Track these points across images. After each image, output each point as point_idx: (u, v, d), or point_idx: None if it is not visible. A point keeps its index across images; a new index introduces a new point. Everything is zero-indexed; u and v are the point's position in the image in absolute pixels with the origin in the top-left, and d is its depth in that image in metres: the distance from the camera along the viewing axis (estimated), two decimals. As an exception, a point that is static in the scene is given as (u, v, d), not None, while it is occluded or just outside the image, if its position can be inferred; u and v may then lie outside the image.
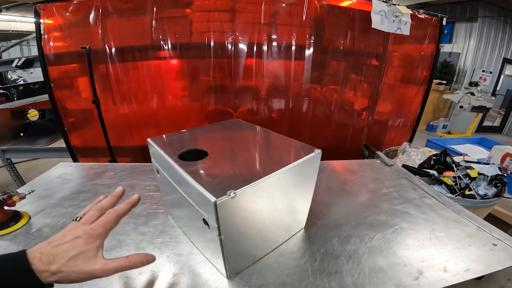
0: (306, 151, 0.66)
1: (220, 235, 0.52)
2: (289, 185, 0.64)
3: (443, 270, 0.68)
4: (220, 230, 0.51)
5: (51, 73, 1.63)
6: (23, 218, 0.82)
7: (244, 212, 0.55)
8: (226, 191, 0.49)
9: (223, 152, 0.70)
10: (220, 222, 0.50)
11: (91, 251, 0.44)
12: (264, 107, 1.77)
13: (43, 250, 0.41)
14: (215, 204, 0.47)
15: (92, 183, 1.04)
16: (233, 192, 0.49)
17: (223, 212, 0.49)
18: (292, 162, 0.60)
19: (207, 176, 0.56)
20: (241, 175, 0.58)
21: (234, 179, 0.56)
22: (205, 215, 0.53)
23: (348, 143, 1.96)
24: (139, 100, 1.71)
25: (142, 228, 0.80)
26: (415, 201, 1.00)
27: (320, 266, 0.68)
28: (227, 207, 0.49)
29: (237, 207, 0.52)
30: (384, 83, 1.87)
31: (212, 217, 0.50)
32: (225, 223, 0.51)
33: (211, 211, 0.49)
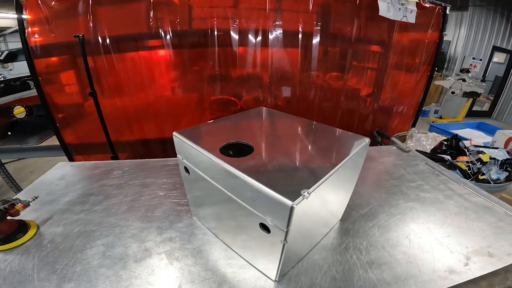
0: (356, 141, 0.61)
1: (285, 240, 0.46)
2: (342, 178, 0.59)
3: (488, 255, 0.67)
4: (287, 235, 0.45)
5: (38, 66, 1.49)
6: (31, 228, 0.73)
7: (309, 213, 0.49)
8: (299, 191, 0.42)
9: (268, 145, 0.63)
10: (291, 227, 0.44)
11: None
12: (269, 95, 1.70)
13: None
14: (292, 208, 0.40)
15: (100, 184, 0.95)
16: (307, 191, 0.43)
17: (296, 216, 0.43)
18: (348, 153, 0.55)
19: (266, 175, 0.49)
20: (303, 171, 0.52)
21: (297, 176, 0.50)
22: (267, 219, 0.47)
23: (354, 129, 1.92)
24: (137, 92, 1.61)
25: (168, 233, 0.73)
26: (440, 187, 0.97)
27: (368, 259, 0.65)
28: (301, 209, 0.43)
29: (307, 208, 0.46)
30: (389, 70, 1.85)
31: (279, 222, 0.44)
32: (294, 228, 0.45)
33: (280, 215, 0.43)
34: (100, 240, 0.70)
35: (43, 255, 0.65)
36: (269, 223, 0.46)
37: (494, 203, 0.88)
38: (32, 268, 0.62)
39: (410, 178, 1.03)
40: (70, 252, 0.66)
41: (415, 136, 1.67)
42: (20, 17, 1.40)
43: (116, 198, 0.87)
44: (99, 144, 1.61)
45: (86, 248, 0.67)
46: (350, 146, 0.59)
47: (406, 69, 1.90)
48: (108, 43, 1.47)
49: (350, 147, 0.58)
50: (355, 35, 1.67)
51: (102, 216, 0.79)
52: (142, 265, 0.63)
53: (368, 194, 0.91)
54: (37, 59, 1.48)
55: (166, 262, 0.63)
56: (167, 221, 0.77)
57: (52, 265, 0.62)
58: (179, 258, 0.65)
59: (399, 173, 1.06)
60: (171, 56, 1.59)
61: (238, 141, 0.62)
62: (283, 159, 0.56)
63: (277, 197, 0.42)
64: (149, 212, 0.80)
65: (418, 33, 1.83)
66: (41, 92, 1.53)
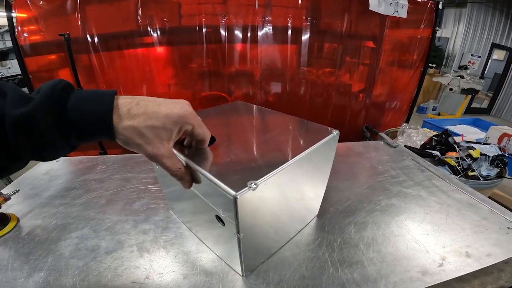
0: (323, 133, 0.60)
1: (238, 233, 0.46)
2: (307, 171, 0.59)
3: (465, 255, 0.65)
4: (239, 227, 0.45)
5: (29, 65, 1.51)
6: (11, 221, 0.74)
7: (263, 204, 0.48)
8: (246, 182, 0.42)
9: (231, 137, 0.63)
10: (240, 219, 0.43)
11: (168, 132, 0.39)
12: (260, 91, 1.70)
13: (139, 99, 0.37)
14: (235, 198, 0.40)
15: (83, 179, 0.96)
16: (254, 182, 0.42)
17: (243, 207, 0.42)
18: (311, 145, 0.54)
19: (219, 165, 0.49)
20: (258, 162, 0.51)
21: (251, 167, 0.49)
22: (220, 211, 0.47)
23: (346, 125, 1.93)
24: (127, 90, 1.61)
25: (143, 225, 0.73)
26: (424, 183, 0.96)
27: (340, 256, 0.64)
28: (248, 201, 0.43)
29: (257, 200, 0.45)
30: (381, 65, 1.84)
31: (229, 214, 0.44)
32: (244, 219, 0.45)
33: (228, 206, 0.42)
34: (75, 232, 0.71)
35: (19, 246, 0.66)
36: (222, 214, 0.46)
37: (479, 200, 0.87)
38: (8, 258, 0.62)
39: (394, 174, 1.03)
40: (45, 244, 0.67)
41: (406, 131, 1.67)
42: (10, 15, 1.41)
43: (96, 192, 0.87)
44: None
45: (61, 240, 0.68)
46: (315, 138, 0.58)
47: (399, 65, 1.89)
48: (97, 42, 1.48)
49: (315, 139, 0.57)
50: (346, 30, 1.66)
51: (80, 209, 0.79)
52: (113, 256, 0.63)
53: (349, 190, 0.91)
54: (28, 58, 1.49)
55: (137, 254, 0.64)
56: (144, 214, 0.77)
57: (26, 256, 0.63)
58: (150, 250, 0.65)
59: (384, 169, 1.06)
60: (161, 54, 1.59)
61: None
62: (242, 150, 0.55)
63: (222, 187, 0.42)
64: (127, 206, 0.81)
65: (410, 28, 1.81)
66: (31, 90, 1.53)
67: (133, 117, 0.36)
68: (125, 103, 0.36)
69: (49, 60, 1.56)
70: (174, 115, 0.38)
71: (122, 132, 0.36)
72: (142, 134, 0.36)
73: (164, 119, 0.37)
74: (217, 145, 0.57)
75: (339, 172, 1.02)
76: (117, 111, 0.35)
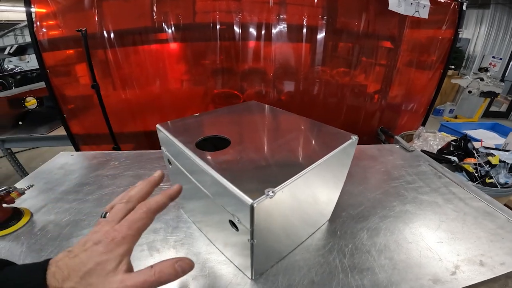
0: (342, 138, 0.59)
1: (252, 239, 0.45)
2: (324, 177, 0.57)
3: (479, 264, 0.63)
4: (253, 234, 0.44)
5: (47, 59, 1.54)
6: (25, 215, 0.76)
7: (277, 211, 0.47)
8: (263, 190, 0.41)
9: (247, 140, 0.62)
10: (255, 226, 0.43)
11: (110, 262, 0.32)
12: (272, 89, 1.69)
13: (60, 263, 0.32)
14: (252, 206, 0.39)
15: (96, 174, 0.97)
16: (272, 190, 0.41)
17: (259, 215, 0.41)
18: (330, 151, 0.53)
19: (235, 170, 0.48)
20: (274, 168, 0.50)
21: (267, 173, 0.48)
22: (234, 217, 0.46)
23: (359, 126, 1.89)
24: (141, 85, 1.63)
25: (153, 224, 0.72)
26: (441, 190, 0.93)
27: (351, 262, 0.62)
28: (264, 209, 0.42)
29: (274, 207, 0.44)
30: (399, 66, 1.79)
31: (244, 220, 0.43)
32: (259, 226, 0.44)
33: (244, 213, 0.41)
34: (87, 229, 0.71)
35: (32, 242, 0.67)
36: (236, 220, 0.45)
37: (496, 209, 0.84)
38: (19, 255, 0.63)
39: (410, 179, 1.00)
40: (56, 240, 0.68)
41: (422, 135, 1.62)
42: (29, 11, 1.43)
43: (109, 189, 0.88)
44: (104, 135, 1.64)
45: (73, 237, 0.69)
46: (334, 143, 0.56)
47: (418, 66, 1.83)
48: (112, 37, 1.49)
49: (334, 144, 0.56)
50: (363, 30, 1.62)
51: (93, 206, 0.80)
52: None
53: (362, 195, 0.89)
54: (45, 53, 1.52)
55: (147, 254, 0.64)
56: (155, 214, 0.77)
57: (37, 252, 0.64)
58: (160, 249, 0.65)
59: (399, 174, 1.03)
60: (175, 50, 1.59)
61: (216, 135, 0.61)
62: (259, 155, 0.54)
63: (238, 194, 0.41)
64: (138, 204, 0.81)
65: (431, 29, 1.75)
66: (49, 84, 1.58)
67: (65, 281, 0.31)
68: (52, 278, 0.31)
69: (66, 55, 1.59)
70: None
71: None
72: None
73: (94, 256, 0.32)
74: (231, 148, 0.56)
75: (352, 176, 0.99)
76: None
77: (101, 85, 1.54)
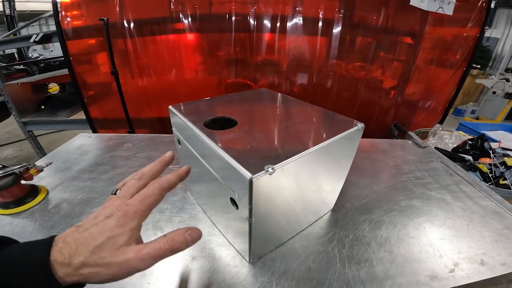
0: (347, 124, 0.59)
1: (250, 217, 0.46)
2: (326, 162, 0.58)
3: (479, 263, 0.63)
4: (251, 211, 0.45)
5: (70, 48, 1.61)
6: (41, 193, 0.79)
7: (278, 192, 0.49)
8: (263, 166, 0.42)
9: (253, 122, 0.63)
10: (254, 203, 0.44)
11: (122, 236, 0.32)
12: (285, 81, 1.69)
13: (68, 238, 0.32)
14: (251, 181, 0.40)
15: (110, 155, 1.02)
16: (271, 167, 0.42)
17: (258, 191, 0.43)
18: (333, 135, 0.53)
19: (238, 148, 0.49)
20: (277, 148, 0.51)
21: (269, 152, 0.49)
22: (235, 193, 0.47)
23: (373, 121, 1.86)
24: (157, 74, 1.67)
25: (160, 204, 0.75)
26: (451, 188, 0.92)
27: (349, 253, 0.63)
28: (264, 185, 0.43)
29: (273, 186, 0.46)
30: (418, 63, 1.74)
31: (243, 196, 0.44)
32: (258, 204, 0.45)
33: (243, 189, 0.43)
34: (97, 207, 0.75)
35: (45, 219, 0.71)
36: (236, 197, 0.47)
37: (506, 210, 0.81)
38: (31, 231, 0.67)
39: (420, 175, 0.98)
40: (68, 218, 0.71)
41: (438, 133, 1.58)
42: (55, 1, 1.50)
43: (122, 169, 0.93)
44: (120, 119, 1.71)
45: (83, 214, 0.73)
46: (338, 129, 0.57)
47: (438, 64, 1.77)
48: (132, 27, 1.53)
49: (338, 130, 0.56)
50: (381, 25, 1.58)
51: (105, 185, 0.84)
52: None
53: (369, 187, 0.88)
54: (69, 41, 1.59)
55: (151, 233, 0.67)
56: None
57: (49, 230, 0.67)
58: (164, 229, 0.68)
59: (408, 169, 1.01)
60: (191, 40, 1.62)
61: (224, 116, 0.62)
62: (263, 135, 0.55)
63: (238, 168, 0.42)
64: (148, 186, 0.84)
65: (455, 26, 1.69)
66: (72, 72, 1.65)
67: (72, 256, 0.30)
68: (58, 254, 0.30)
69: (89, 43, 1.65)
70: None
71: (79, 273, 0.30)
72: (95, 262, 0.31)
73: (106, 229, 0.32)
74: (238, 128, 0.58)
75: (360, 168, 0.99)
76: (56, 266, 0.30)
77: (120, 73, 1.59)
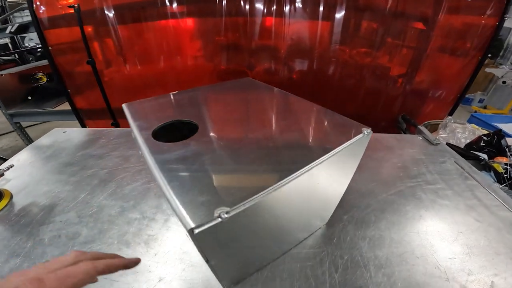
0: (350, 130, 0.46)
1: (207, 261, 0.36)
2: (323, 181, 0.46)
3: (489, 286, 0.54)
4: (206, 257, 0.35)
5: (49, 37, 1.50)
6: (4, 198, 0.72)
7: (249, 229, 0.37)
8: (215, 207, 0.30)
9: (221, 127, 0.50)
10: (205, 252, 0.33)
11: None
12: (283, 67, 1.55)
13: None
14: (192, 231, 0.29)
15: (82, 153, 0.91)
16: (225, 212, 0.30)
17: (207, 242, 0.32)
18: (332, 148, 0.40)
19: (188, 173, 0.36)
20: (248, 171, 0.38)
21: (234, 179, 0.37)
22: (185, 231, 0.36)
23: (378, 111, 1.73)
24: (144, 62, 1.55)
25: (130, 213, 0.67)
26: (465, 195, 0.80)
27: (342, 278, 0.53)
28: (214, 234, 0.31)
29: (232, 230, 0.34)
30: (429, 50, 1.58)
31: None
32: (213, 251, 0.34)
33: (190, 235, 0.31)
34: (59, 216, 0.66)
35: (5, 228, 0.63)
36: (186, 236, 0.36)
37: (526, 221, 0.70)
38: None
39: (431, 179, 0.86)
40: (28, 227, 0.64)
41: (449, 126, 1.44)
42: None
43: (92, 170, 0.83)
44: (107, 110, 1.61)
45: (44, 224, 0.64)
46: (339, 137, 0.43)
47: (452, 52, 1.61)
48: (114, 14, 1.41)
49: (338, 139, 0.43)
50: (390, 9, 1.42)
51: (71, 189, 0.75)
52: (91, 248, 0.58)
53: (372, 195, 0.77)
54: (47, 30, 1.48)
55: (116, 247, 0.58)
56: (133, 201, 0.71)
57: (8, 240, 0.60)
58: (131, 244, 0.59)
59: (419, 171, 0.89)
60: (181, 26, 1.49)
61: (183, 119, 0.50)
62: (230, 149, 0.42)
63: (179, 211, 0.30)
64: (119, 189, 0.75)
65: (472, 14, 1.52)
66: (52, 61, 1.56)
67: None
68: None
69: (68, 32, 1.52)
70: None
71: None
72: None
73: None
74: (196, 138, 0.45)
75: (363, 170, 0.87)
76: None
77: (105, 62, 1.50)
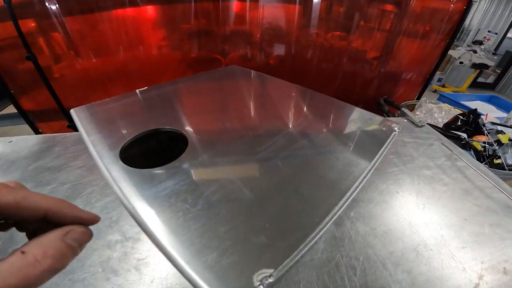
0: (380, 132, 0.38)
1: None
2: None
3: (502, 272, 0.53)
4: None
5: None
6: None
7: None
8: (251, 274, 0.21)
9: (223, 135, 0.38)
10: None
11: None
12: (260, 52, 1.47)
13: None
14: None
15: (35, 167, 0.75)
16: (268, 275, 0.22)
17: None
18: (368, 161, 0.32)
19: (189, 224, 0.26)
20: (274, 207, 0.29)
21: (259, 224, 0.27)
22: None
23: (355, 94, 1.75)
24: (100, 54, 1.37)
25: (108, 235, 0.55)
26: (458, 178, 0.79)
27: (362, 281, 0.49)
28: None
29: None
30: (402, 34, 1.60)
31: None
32: None
33: None
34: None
35: None
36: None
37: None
38: None
39: (423, 163, 0.84)
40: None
41: (425, 106, 1.47)
42: None
43: (51, 186, 0.68)
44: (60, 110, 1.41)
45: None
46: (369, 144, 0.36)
47: (422, 36, 1.66)
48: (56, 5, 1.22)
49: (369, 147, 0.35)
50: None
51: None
52: (72, 278, 0.46)
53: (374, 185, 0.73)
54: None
55: (102, 276, 0.47)
56: (108, 220, 0.58)
57: None
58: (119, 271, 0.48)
59: (411, 156, 0.87)
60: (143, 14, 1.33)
61: (166, 128, 0.37)
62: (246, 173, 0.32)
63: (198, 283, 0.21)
64: (88, 206, 0.62)
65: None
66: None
67: None
68: None
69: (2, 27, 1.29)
70: None
71: None
72: None
73: None
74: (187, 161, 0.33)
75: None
76: None
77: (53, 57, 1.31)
